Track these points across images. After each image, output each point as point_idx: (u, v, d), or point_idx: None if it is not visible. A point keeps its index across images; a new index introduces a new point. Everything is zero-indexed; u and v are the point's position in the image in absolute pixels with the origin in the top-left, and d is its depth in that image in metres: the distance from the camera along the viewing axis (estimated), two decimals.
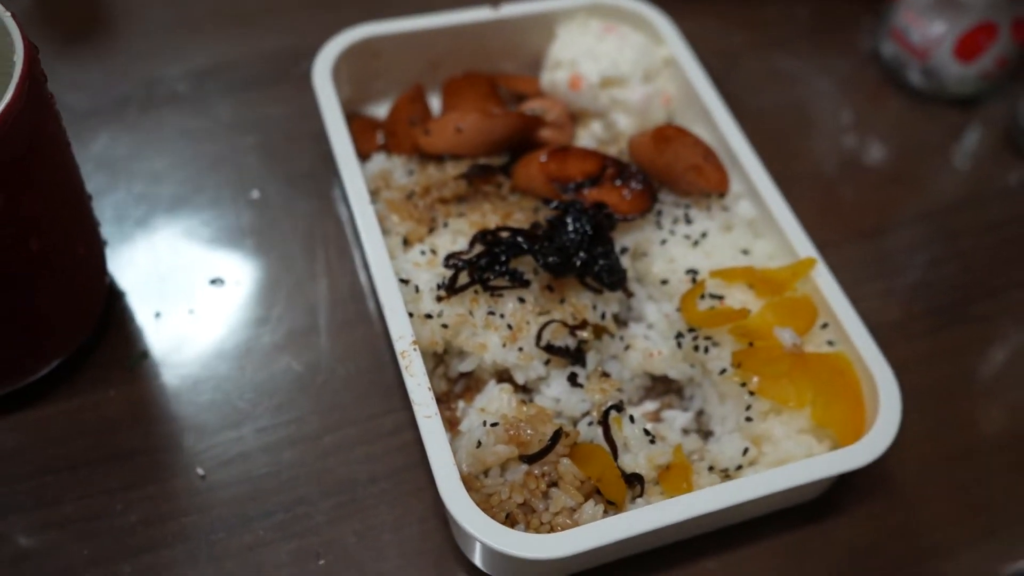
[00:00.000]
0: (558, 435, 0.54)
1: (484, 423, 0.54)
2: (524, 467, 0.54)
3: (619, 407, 0.56)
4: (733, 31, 0.91)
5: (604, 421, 0.55)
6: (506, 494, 0.52)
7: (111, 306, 0.66)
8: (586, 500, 0.53)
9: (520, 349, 0.58)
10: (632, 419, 0.56)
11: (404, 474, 0.60)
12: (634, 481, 0.54)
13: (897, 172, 0.82)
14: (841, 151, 0.83)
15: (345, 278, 0.69)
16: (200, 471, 0.59)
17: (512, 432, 0.54)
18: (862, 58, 0.90)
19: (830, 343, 0.59)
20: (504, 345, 0.58)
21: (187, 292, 0.68)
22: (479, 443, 0.54)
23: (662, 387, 0.63)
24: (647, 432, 0.56)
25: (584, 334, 0.60)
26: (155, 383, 0.63)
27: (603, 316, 0.61)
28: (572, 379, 0.59)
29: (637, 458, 0.54)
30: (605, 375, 0.59)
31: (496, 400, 0.56)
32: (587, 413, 0.58)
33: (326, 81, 0.69)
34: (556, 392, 0.58)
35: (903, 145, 0.84)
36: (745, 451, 0.56)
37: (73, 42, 0.83)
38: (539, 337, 0.58)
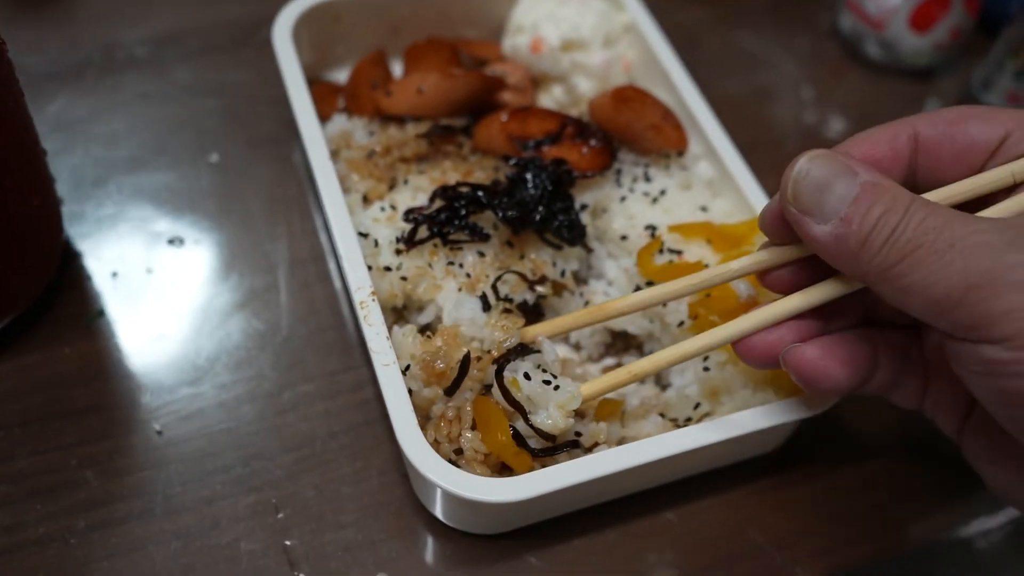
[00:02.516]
0: (466, 362, 0.52)
1: (403, 372, 0.53)
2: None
3: (506, 360, 0.52)
4: (693, 5, 0.92)
5: (501, 385, 0.51)
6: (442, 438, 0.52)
7: (67, 265, 0.65)
8: (495, 473, 0.52)
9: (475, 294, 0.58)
10: (528, 376, 0.51)
11: (363, 429, 0.60)
12: (547, 440, 0.51)
13: None
14: (800, 122, 0.84)
15: (306, 239, 0.69)
16: (157, 427, 0.59)
17: (427, 370, 0.53)
18: (821, 32, 0.91)
19: None
20: (460, 289, 0.58)
21: (145, 252, 0.67)
22: (410, 391, 0.53)
23: (622, 343, 0.64)
24: (546, 382, 0.51)
25: (543, 289, 0.60)
26: (111, 341, 0.62)
27: (563, 273, 0.62)
28: (484, 300, 0.57)
29: (549, 411, 0.50)
30: (507, 311, 0.58)
31: (400, 344, 0.55)
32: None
33: (286, 42, 0.69)
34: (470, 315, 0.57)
35: (862, 116, 0.85)
36: (697, 405, 0.56)
37: (31, 6, 0.82)
38: (496, 289, 0.58)
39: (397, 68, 0.76)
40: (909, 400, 0.49)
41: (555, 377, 0.51)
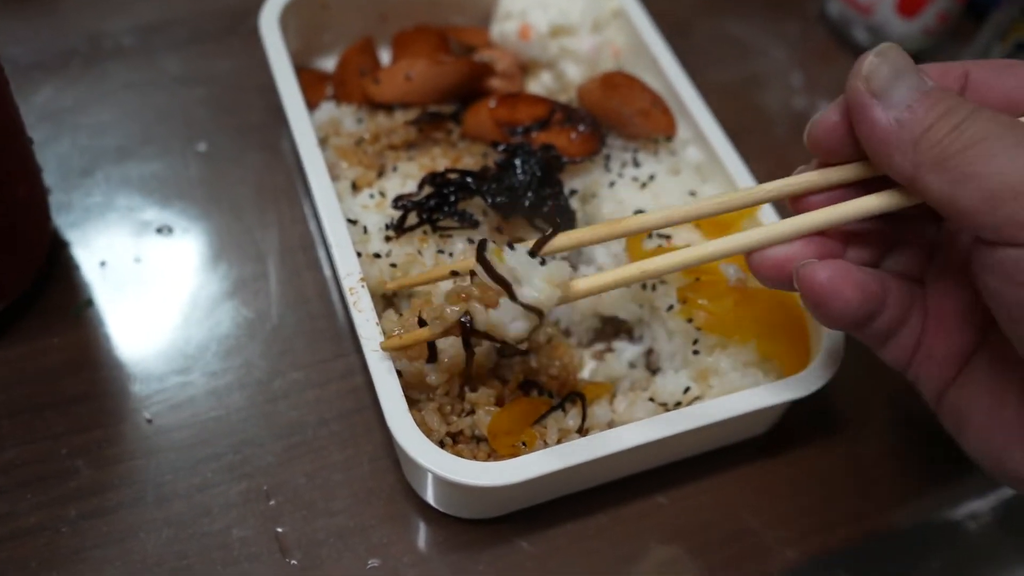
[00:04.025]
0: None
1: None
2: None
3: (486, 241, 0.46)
4: None
5: (483, 259, 0.45)
6: (435, 423, 0.53)
7: (55, 255, 0.65)
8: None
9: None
10: (512, 246, 0.46)
11: (354, 416, 0.60)
12: (534, 313, 0.45)
13: None
14: (789, 108, 0.84)
15: (295, 227, 0.69)
16: (147, 416, 0.59)
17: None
18: (810, 18, 0.91)
19: None
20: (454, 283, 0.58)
21: (133, 241, 0.67)
22: (400, 373, 0.53)
23: (611, 329, 0.64)
24: (532, 254, 0.46)
25: None
26: (100, 331, 0.62)
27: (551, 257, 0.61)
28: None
29: (534, 283, 0.45)
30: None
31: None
32: None
33: (273, 30, 0.68)
34: None
35: None
36: (687, 389, 0.57)
37: None
38: None
39: (385, 56, 0.76)
40: (901, 353, 0.48)
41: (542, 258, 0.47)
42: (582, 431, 0.54)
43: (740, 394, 0.53)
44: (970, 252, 0.40)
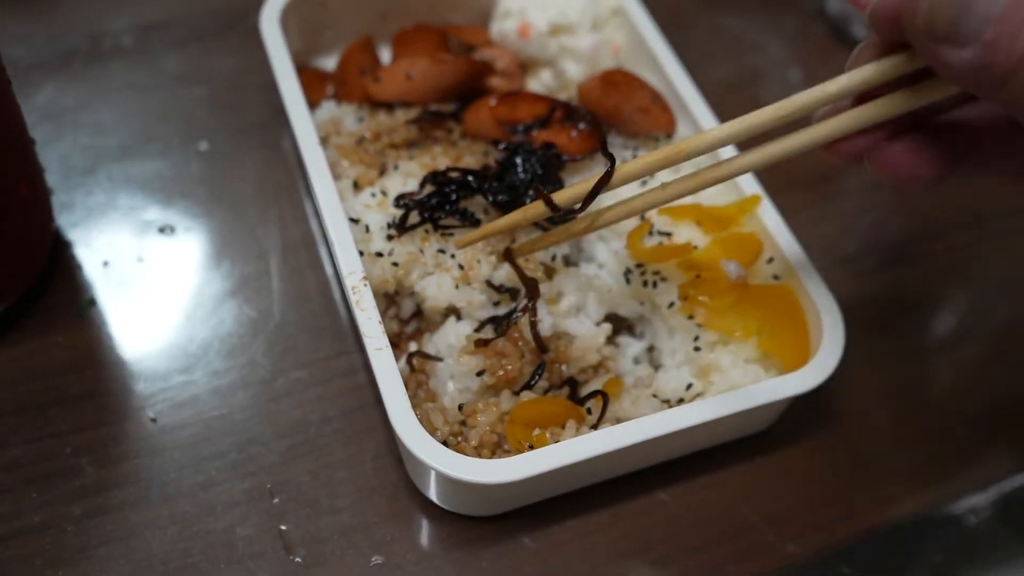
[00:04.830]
0: (541, 369, 0.56)
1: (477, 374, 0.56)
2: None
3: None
4: None
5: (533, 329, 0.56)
6: (438, 421, 0.54)
7: (58, 255, 0.65)
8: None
9: (469, 284, 0.58)
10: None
11: (357, 414, 0.60)
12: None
13: None
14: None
15: (297, 225, 0.69)
16: (151, 414, 0.59)
17: (498, 374, 0.55)
18: (808, 15, 0.91)
19: (775, 277, 0.60)
20: (457, 287, 0.58)
21: (136, 241, 0.67)
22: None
23: (613, 326, 0.64)
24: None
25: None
26: (104, 329, 0.62)
27: (553, 257, 0.62)
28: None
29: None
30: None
31: (453, 335, 0.57)
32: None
33: (274, 28, 0.68)
34: None
35: None
36: (689, 386, 0.57)
37: None
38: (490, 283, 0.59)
39: (385, 54, 0.76)
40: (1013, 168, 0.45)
41: None
42: (595, 428, 0.55)
43: (742, 390, 0.54)
44: None
